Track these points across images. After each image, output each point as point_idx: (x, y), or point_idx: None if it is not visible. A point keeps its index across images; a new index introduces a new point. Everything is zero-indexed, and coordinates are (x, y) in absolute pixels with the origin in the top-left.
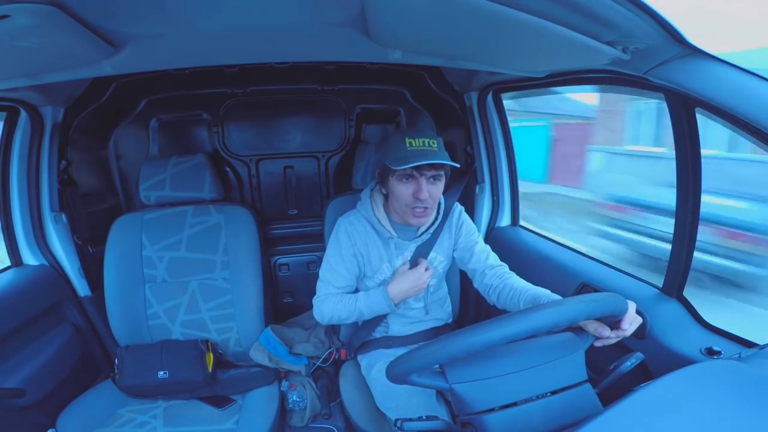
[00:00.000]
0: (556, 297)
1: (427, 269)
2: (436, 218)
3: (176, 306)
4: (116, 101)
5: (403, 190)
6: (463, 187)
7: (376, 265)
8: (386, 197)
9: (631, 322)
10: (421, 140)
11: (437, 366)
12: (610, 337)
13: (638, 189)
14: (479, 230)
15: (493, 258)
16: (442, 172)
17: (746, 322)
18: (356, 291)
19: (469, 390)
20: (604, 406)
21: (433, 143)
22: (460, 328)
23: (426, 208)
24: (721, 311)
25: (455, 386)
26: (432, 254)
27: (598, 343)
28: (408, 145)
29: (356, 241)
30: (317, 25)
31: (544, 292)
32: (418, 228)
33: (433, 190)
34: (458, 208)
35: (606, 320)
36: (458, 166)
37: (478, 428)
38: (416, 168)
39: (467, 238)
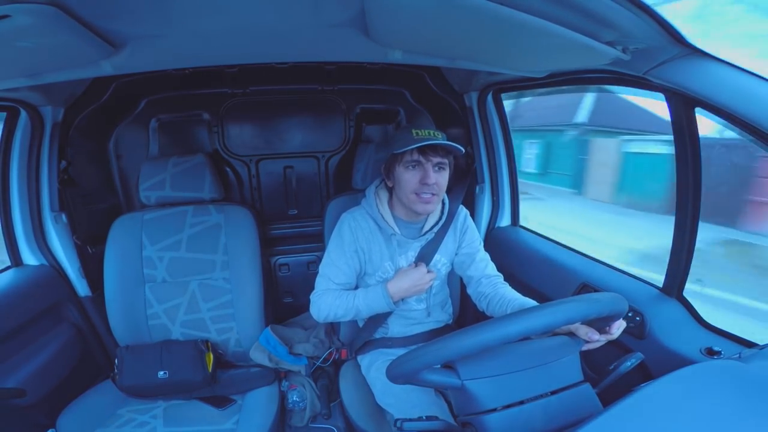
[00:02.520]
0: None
1: (429, 271)
2: (440, 218)
3: (176, 306)
4: (116, 101)
5: (409, 177)
6: (466, 188)
7: (377, 263)
8: (391, 194)
9: (618, 327)
10: (426, 131)
11: (438, 365)
12: (599, 340)
13: None
14: (479, 230)
15: (491, 268)
16: (447, 162)
17: None
18: (356, 288)
19: (480, 387)
20: (604, 406)
21: (438, 134)
22: (464, 327)
23: (433, 194)
24: None
25: (467, 383)
26: (436, 256)
27: (585, 347)
28: (414, 134)
29: (359, 236)
30: (317, 25)
31: (531, 302)
32: (422, 226)
33: (439, 179)
34: (464, 211)
35: (596, 324)
36: (463, 150)
37: (478, 428)
38: (422, 154)
39: (470, 244)
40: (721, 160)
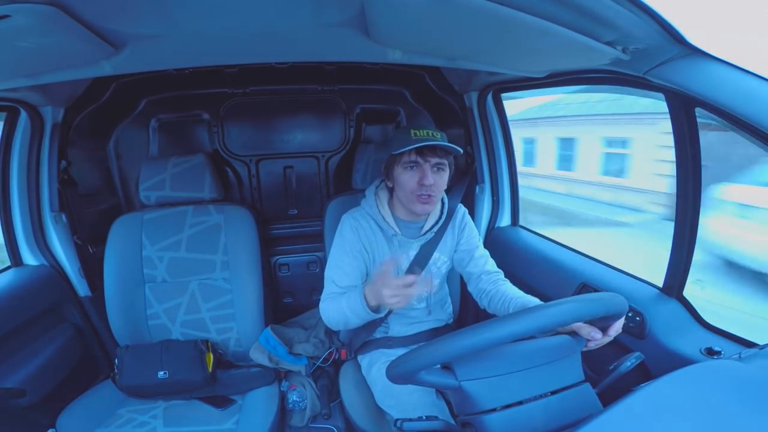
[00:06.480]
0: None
1: (413, 284)
2: (440, 218)
3: (176, 306)
4: (116, 101)
5: (408, 177)
6: (465, 188)
7: (380, 263)
8: (391, 193)
9: (617, 329)
10: (425, 131)
11: (438, 366)
12: (599, 340)
13: None
14: (479, 230)
15: (491, 264)
16: (446, 162)
17: None
18: None
19: (478, 388)
20: (604, 406)
21: (437, 134)
22: (463, 327)
23: (431, 195)
24: None
25: (464, 383)
26: (436, 254)
27: (591, 345)
28: (413, 134)
29: (361, 235)
30: (317, 25)
31: (533, 300)
32: (422, 226)
33: (437, 180)
34: (462, 209)
35: (597, 324)
36: (461, 151)
37: (478, 428)
38: (420, 154)
39: (469, 241)
40: None
